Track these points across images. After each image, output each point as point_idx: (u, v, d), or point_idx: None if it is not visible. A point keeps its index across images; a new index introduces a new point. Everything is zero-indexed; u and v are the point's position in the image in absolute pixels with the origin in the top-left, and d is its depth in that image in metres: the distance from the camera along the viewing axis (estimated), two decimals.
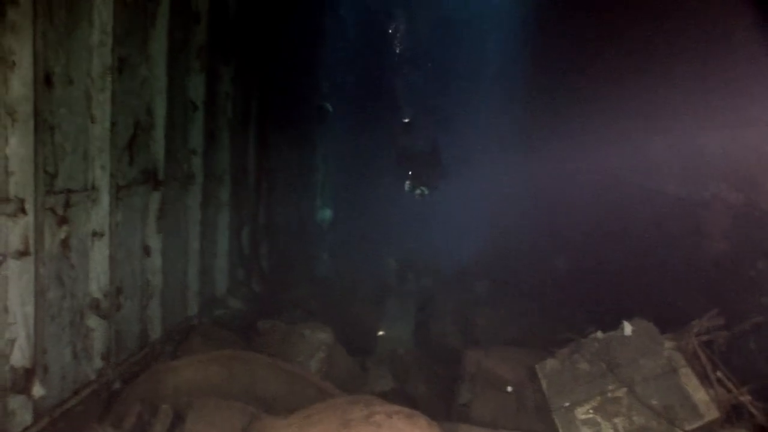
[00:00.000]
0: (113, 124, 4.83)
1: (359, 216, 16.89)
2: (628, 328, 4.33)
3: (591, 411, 4.14)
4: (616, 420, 4.06)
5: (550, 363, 4.60)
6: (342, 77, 18.10)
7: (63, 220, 4.39)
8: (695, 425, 3.87)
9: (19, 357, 3.87)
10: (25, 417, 3.93)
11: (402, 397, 5.56)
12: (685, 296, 5.19)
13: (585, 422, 4.16)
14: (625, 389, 4.11)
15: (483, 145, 15.63)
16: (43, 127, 3.92)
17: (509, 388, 5.25)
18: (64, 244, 4.44)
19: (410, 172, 12.58)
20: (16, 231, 3.80)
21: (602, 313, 7.40)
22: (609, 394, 4.15)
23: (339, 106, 17.45)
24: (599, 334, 4.48)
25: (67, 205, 4.42)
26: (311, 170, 15.34)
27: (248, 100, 8.75)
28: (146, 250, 5.92)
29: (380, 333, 7.73)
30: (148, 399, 4.69)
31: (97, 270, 4.92)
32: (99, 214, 4.91)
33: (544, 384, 4.52)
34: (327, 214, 16.53)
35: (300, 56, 12.17)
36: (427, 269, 10.76)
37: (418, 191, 12.47)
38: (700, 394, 3.86)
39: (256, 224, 9.37)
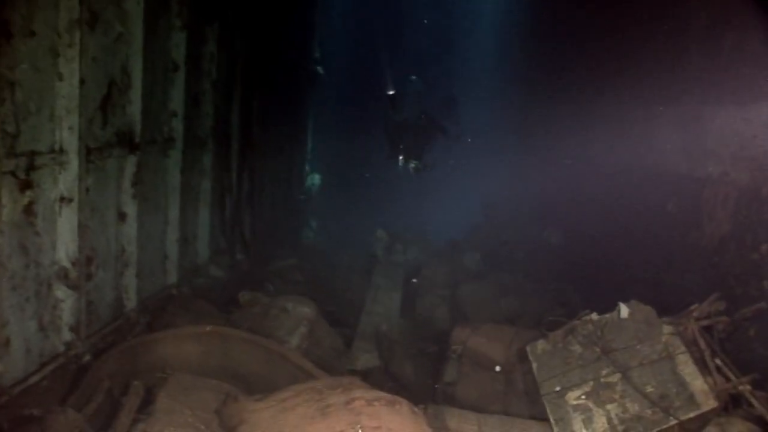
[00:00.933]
0: (82, 82, 4.50)
1: (348, 183, 16.61)
2: (624, 310, 4.12)
3: (583, 396, 3.94)
4: (609, 407, 3.86)
5: (542, 345, 4.39)
6: (335, 39, 17.63)
7: (26, 185, 4.10)
8: (691, 414, 3.67)
9: None
10: None
11: (386, 376, 5.36)
12: (684, 279, 4.98)
13: (576, 408, 3.97)
14: (619, 375, 3.90)
15: (480, 117, 15.31)
16: (1, 83, 3.61)
17: (497, 369, 5.07)
18: (28, 210, 4.16)
19: (402, 147, 11.90)
20: None
21: (596, 292, 7.21)
22: (602, 380, 3.95)
23: (331, 70, 17.05)
24: (594, 316, 4.26)
25: (30, 168, 4.12)
26: (300, 135, 15.00)
27: (235, 62, 8.38)
28: (121, 217, 5.64)
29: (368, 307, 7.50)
30: (118, 375, 4.46)
31: (66, 237, 4.64)
32: (67, 179, 4.61)
33: (534, 366, 4.32)
34: (316, 179, 16.23)
35: (291, 17, 11.74)
36: (415, 240, 10.51)
37: (412, 165, 11.88)
38: (697, 383, 3.65)
39: (241, 191, 9.07)
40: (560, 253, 9.15)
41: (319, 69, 16.39)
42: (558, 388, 4.07)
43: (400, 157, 11.67)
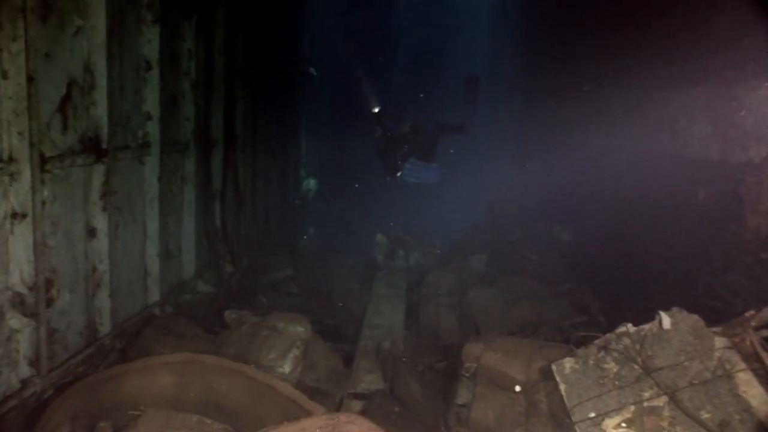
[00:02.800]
0: (30, 79, 3.94)
1: (346, 187, 16.02)
2: (666, 320, 3.52)
3: (623, 424, 3.35)
4: None
5: (570, 363, 3.80)
6: (327, 39, 17.04)
7: None
8: None
9: None
10: None
11: (391, 399, 4.77)
12: (724, 279, 4.39)
13: None
14: (665, 398, 3.32)
15: (481, 110, 14.73)
16: None
17: (517, 389, 4.47)
18: None
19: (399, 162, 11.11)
20: None
21: (617, 295, 6.64)
22: (645, 404, 3.36)
23: (324, 71, 16.49)
24: (629, 328, 3.67)
25: None
26: (293, 139, 14.42)
27: (218, 61, 7.80)
28: (90, 232, 5.07)
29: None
30: (82, 415, 3.87)
31: (20, 258, 4.08)
32: (19, 191, 4.06)
33: (562, 388, 3.73)
34: (311, 184, 15.65)
35: (278, 15, 11.16)
36: (418, 244, 9.89)
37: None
38: (766, 407, 3.07)
39: (229, 199, 8.49)
40: (573, 251, 8.57)
41: (311, 70, 15.82)
42: (593, 415, 3.48)
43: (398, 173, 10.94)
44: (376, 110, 11.70)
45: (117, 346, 5.25)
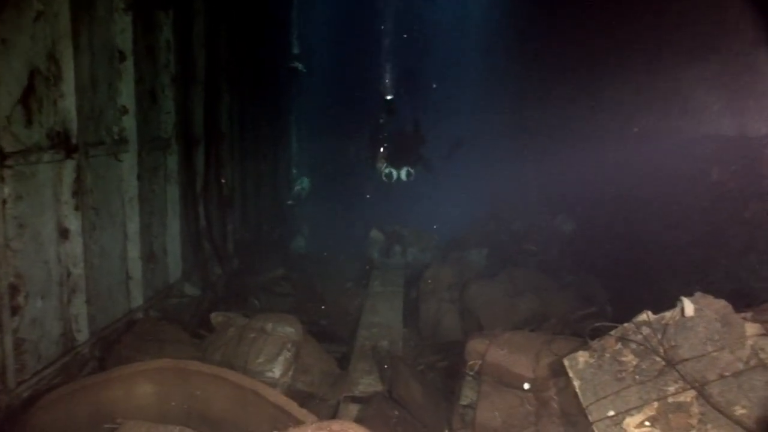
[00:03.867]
0: None
1: (340, 185, 15.64)
2: (689, 306, 3.20)
3: (647, 423, 3.02)
4: None
5: (584, 356, 3.47)
6: (315, 35, 16.67)
7: None
8: None
9: None
10: None
11: (390, 402, 4.43)
12: (746, 262, 4.06)
13: None
14: (692, 392, 2.99)
15: (479, 98, 14.39)
16: None
17: (526, 386, 4.14)
18: None
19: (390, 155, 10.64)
20: None
21: (626, 284, 6.31)
22: (671, 399, 3.03)
23: (312, 68, 16.14)
24: (648, 316, 3.34)
25: None
26: (283, 137, 14.07)
27: (199, 54, 7.45)
28: (63, 233, 4.72)
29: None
30: (56, 429, 3.54)
31: None
32: None
33: (576, 385, 3.39)
34: (304, 183, 15.29)
35: (263, 9, 10.81)
36: (415, 239, 9.55)
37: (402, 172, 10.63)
38: None
39: (216, 198, 8.15)
40: (576, 241, 8.25)
41: (299, 66, 15.48)
42: (612, 413, 3.14)
43: (386, 169, 10.53)
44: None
45: (96, 355, 4.90)
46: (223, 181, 8.70)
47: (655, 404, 3.03)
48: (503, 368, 4.25)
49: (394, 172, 10.14)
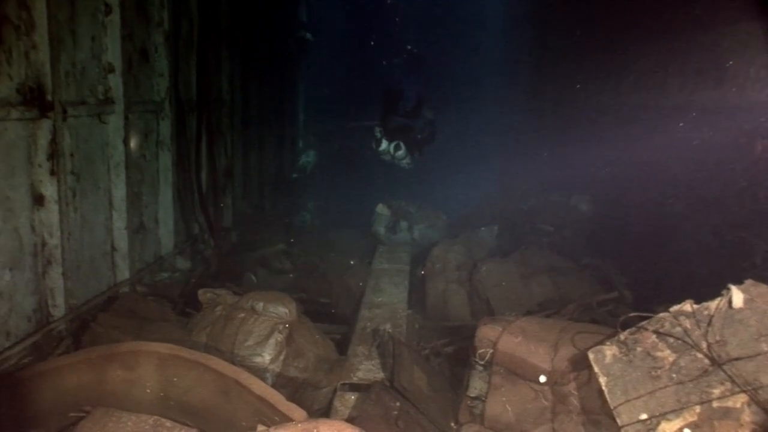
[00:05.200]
0: None
1: (347, 159, 15.17)
2: (738, 296, 2.76)
3: (687, 430, 2.60)
4: None
5: (611, 349, 3.04)
6: (324, 2, 16.13)
7: None
8: None
9: None
10: None
11: (391, 393, 4.02)
12: None
13: None
14: (743, 396, 2.56)
15: (490, 69, 13.85)
16: None
17: (542, 379, 3.73)
18: None
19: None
20: None
21: (645, 268, 5.87)
22: (716, 404, 2.60)
23: (321, 37, 15.62)
24: (689, 306, 2.90)
25: None
26: (290, 108, 13.60)
27: (196, 13, 6.97)
28: (37, 200, 4.33)
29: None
30: (11, 418, 3.15)
31: None
32: None
33: (603, 381, 2.97)
34: (310, 156, 14.84)
35: None
36: (423, 215, 9.08)
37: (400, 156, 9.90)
38: None
39: (215, 168, 7.73)
40: (593, 221, 7.79)
41: (308, 35, 14.96)
42: (644, 416, 2.72)
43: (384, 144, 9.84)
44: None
45: (74, 332, 4.52)
46: (224, 150, 8.30)
47: (697, 408, 2.61)
48: (517, 358, 3.83)
49: (385, 143, 9.58)
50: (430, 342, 5.34)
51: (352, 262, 7.61)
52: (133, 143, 5.72)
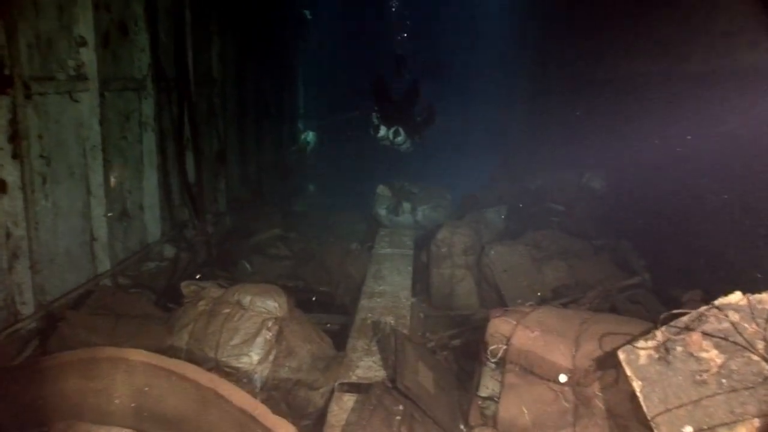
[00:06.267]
0: None
1: (348, 141, 14.72)
2: None
3: None
4: None
5: (646, 349, 2.62)
6: None
7: None
8: None
9: None
10: None
11: (394, 394, 3.62)
12: None
13: None
14: None
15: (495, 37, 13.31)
16: None
17: (562, 379, 3.31)
18: None
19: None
20: None
21: (676, 255, 5.43)
22: None
23: (321, 15, 15.15)
24: (740, 298, 2.47)
25: None
26: (289, 87, 13.13)
27: None
28: None
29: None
30: None
31: None
32: None
33: (637, 387, 2.56)
34: (310, 137, 14.40)
35: None
36: (427, 196, 8.62)
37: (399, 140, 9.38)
38: None
39: (207, 150, 7.31)
40: (607, 199, 7.36)
41: (306, 13, 14.48)
42: (689, 429, 2.31)
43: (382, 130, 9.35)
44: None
45: (43, 332, 4.12)
46: (216, 131, 7.87)
47: (756, 422, 2.19)
48: (534, 355, 3.42)
49: (383, 129, 9.15)
50: (436, 333, 4.94)
51: (352, 247, 7.19)
52: (112, 124, 5.30)
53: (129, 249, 5.66)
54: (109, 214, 5.12)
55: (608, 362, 3.06)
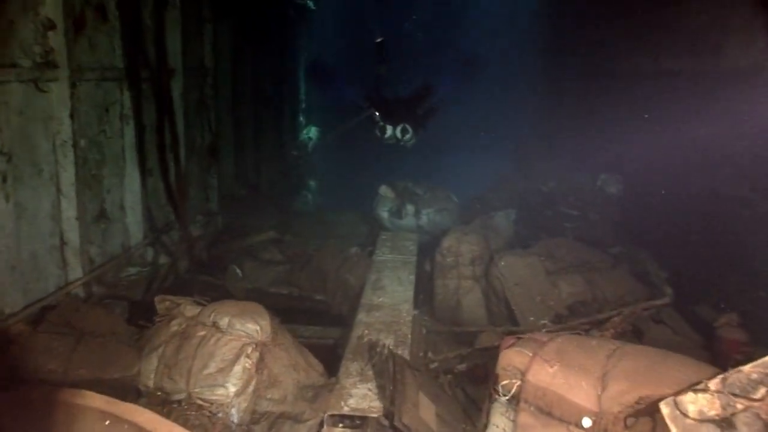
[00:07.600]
0: None
1: (351, 136, 14.24)
2: None
3: None
4: None
5: (696, 402, 2.14)
6: None
7: None
8: None
9: None
10: None
11: (391, 430, 3.15)
12: None
13: None
14: None
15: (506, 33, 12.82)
16: None
17: (587, 423, 2.83)
18: None
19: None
20: None
21: (702, 266, 4.96)
22: None
23: (324, 5, 14.65)
24: None
25: None
26: (290, 81, 12.64)
27: None
28: None
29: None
30: None
31: None
32: None
33: None
34: (312, 132, 13.91)
35: None
36: (432, 198, 8.14)
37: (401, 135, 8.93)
38: None
39: (198, 146, 6.83)
40: (623, 205, 6.89)
41: (309, 3, 13.96)
42: None
43: (389, 130, 8.91)
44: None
45: None
46: (209, 125, 7.39)
47: None
48: (553, 394, 2.93)
49: (389, 128, 8.73)
50: (439, 353, 4.47)
51: (352, 251, 6.71)
52: (89, 117, 4.84)
53: (107, 253, 5.20)
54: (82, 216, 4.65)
55: (645, 408, 2.58)
